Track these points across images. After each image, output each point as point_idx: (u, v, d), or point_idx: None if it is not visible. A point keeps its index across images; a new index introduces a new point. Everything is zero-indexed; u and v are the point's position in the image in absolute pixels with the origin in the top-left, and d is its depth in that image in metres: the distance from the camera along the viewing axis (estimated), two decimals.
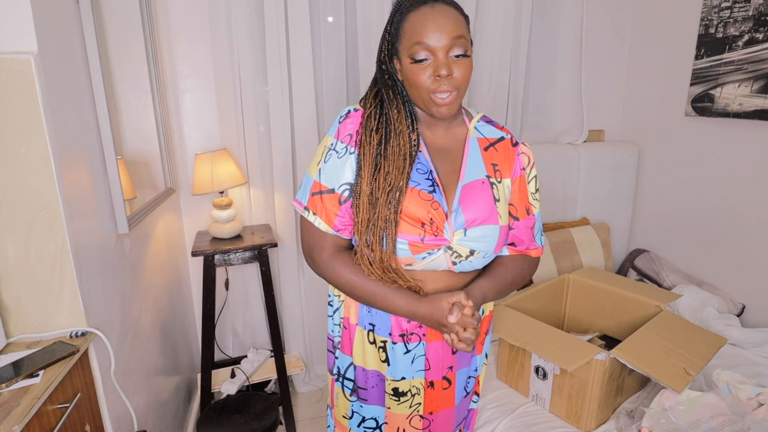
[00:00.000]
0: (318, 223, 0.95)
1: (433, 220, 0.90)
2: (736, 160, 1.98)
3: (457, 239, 0.92)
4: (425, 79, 0.87)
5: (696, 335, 1.43)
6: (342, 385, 1.09)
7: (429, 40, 0.85)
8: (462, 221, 0.92)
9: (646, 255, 2.34)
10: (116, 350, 1.14)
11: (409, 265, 0.94)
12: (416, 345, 1.01)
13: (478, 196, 0.94)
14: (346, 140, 0.93)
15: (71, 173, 1.02)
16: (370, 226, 0.89)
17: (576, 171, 2.36)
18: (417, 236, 0.90)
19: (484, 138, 1.00)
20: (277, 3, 1.83)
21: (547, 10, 2.24)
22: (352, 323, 1.04)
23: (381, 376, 1.05)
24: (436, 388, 1.05)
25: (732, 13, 1.90)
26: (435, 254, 0.92)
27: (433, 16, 0.86)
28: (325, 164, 0.94)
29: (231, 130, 1.98)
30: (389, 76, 0.94)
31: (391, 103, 0.92)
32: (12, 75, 0.89)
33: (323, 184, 0.94)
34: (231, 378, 2.00)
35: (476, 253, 0.94)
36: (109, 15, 1.33)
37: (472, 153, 0.98)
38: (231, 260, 1.85)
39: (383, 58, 0.94)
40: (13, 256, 0.96)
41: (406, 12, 0.89)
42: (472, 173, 0.96)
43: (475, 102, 2.22)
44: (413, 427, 1.07)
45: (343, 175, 0.93)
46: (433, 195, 0.91)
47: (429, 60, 0.87)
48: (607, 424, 1.37)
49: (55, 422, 0.87)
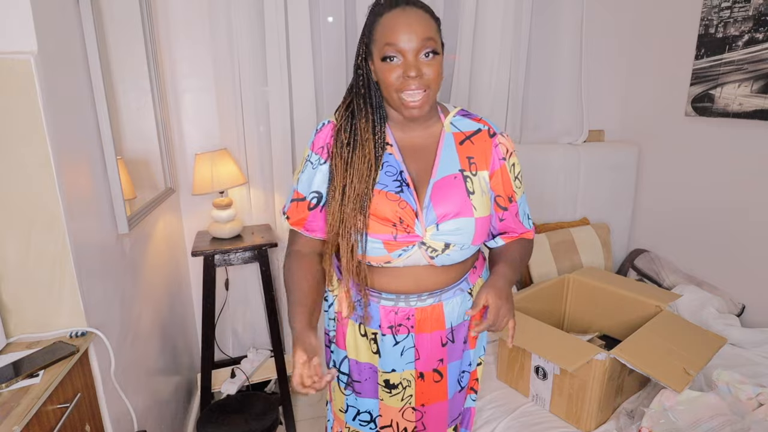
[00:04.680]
0: (290, 227, 1.04)
1: (402, 219, 0.94)
2: (736, 160, 1.98)
3: (429, 234, 0.94)
4: (394, 78, 0.90)
5: (696, 335, 1.43)
6: (338, 379, 1.12)
7: (399, 41, 0.88)
8: (433, 217, 0.95)
9: (646, 255, 2.34)
10: (116, 350, 1.14)
11: (388, 263, 0.97)
12: (405, 337, 1.03)
13: (450, 191, 0.97)
14: (319, 152, 0.99)
15: (71, 173, 1.02)
16: (340, 230, 0.95)
17: (576, 171, 2.36)
18: (390, 235, 0.94)
19: (460, 132, 1.02)
20: (277, 3, 1.83)
21: (547, 10, 2.24)
22: (344, 317, 1.07)
23: (373, 368, 1.08)
24: (426, 380, 1.07)
25: (732, 13, 1.90)
26: (410, 250, 0.95)
27: (404, 18, 0.88)
28: (302, 174, 1.02)
29: (231, 130, 1.98)
30: (363, 80, 0.97)
31: (360, 113, 0.97)
32: (12, 75, 0.89)
33: (299, 192, 1.02)
34: (231, 378, 2.00)
35: (452, 246, 0.96)
36: (109, 15, 1.33)
37: (446, 149, 1.00)
38: (231, 260, 1.85)
39: (359, 62, 0.97)
40: (13, 256, 0.96)
41: (378, 15, 0.92)
42: (444, 169, 0.98)
43: (475, 102, 2.22)
44: (406, 419, 1.10)
45: (314, 183, 1.00)
46: (401, 195, 0.95)
47: (398, 60, 0.89)
48: (607, 424, 1.37)
49: (55, 422, 0.87)
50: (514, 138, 2.34)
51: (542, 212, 2.37)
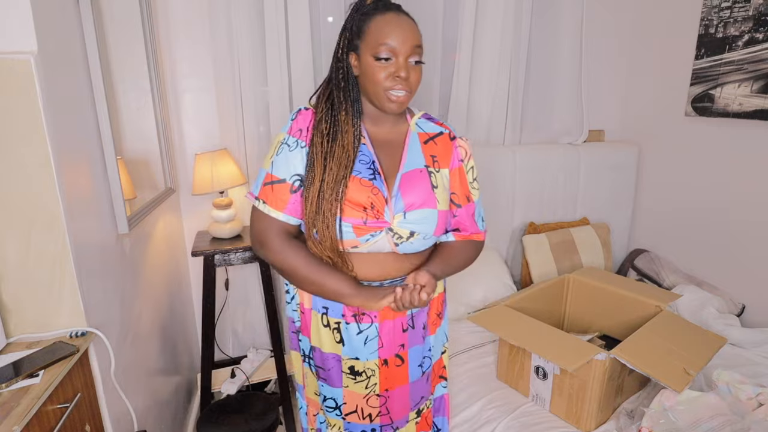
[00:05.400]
0: (268, 211, 1.02)
1: (373, 205, 0.99)
2: (736, 160, 1.98)
3: (397, 221, 1.01)
4: (384, 77, 0.97)
5: (696, 335, 1.43)
6: (309, 365, 1.16)
7: (394, 42, 0.96)
8: (402, 205, 1.02)
9: (646, 255, 2.34)
10: (116, 350, 1.14)
11: (355, 247, 1.02)
12: (368, 326, 1.07)
13: (417, 183, 1.04)
14: (296, 135, 1.02)
15: (71, 173, 1.02)
16: (319, 214, 0.98)
17: (576, 171, 2.36)
18: (360, 219, 0.99)
19: (425, 133, 1.11)
20: (277, 3, 1.83)
21: (547, 11, 2.24)
22: (306, 308, 1.10)
23: (337, 357, 1.10)
24: (390, 366, 1.11)
25: (732, 13, 1.90)
26: (377, 236, 1.00)
27: (400, 23, 0.97)
28: (277, 157, 1.03)
29: (231, 130, 1.98)
30: (343, 72, 1.02)
31: (340, 105, 1.02)
32: (12, 75, 0.89)
33: (274, 175, 1.02)
34: (231, 378, 2.00)
35: (416, 235, 1.03)
36: (109, 15, 1.33)
37: (412, 145, 1.08)
38: (231, 260, 1.85)
39: (340, 54, 1.02)
40: (13, 256, 0.96)
41: (371, 14, 0.99)
42: (411, 163, 1.06)
43: (475, 102, 2.23)
44: (370, 406, 1.13)
45: (294, 166, 1.01)
46: (374, 182, 1.01)
47: (391, 60, 0.97)
48: (607, 424, 1.37)
49: (55, 422, 0.87)
50: (514, 138, 2.34)
51: (542, 212, 2.37)
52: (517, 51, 2.20)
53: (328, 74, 1.06)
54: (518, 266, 2.35)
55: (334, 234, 0.98)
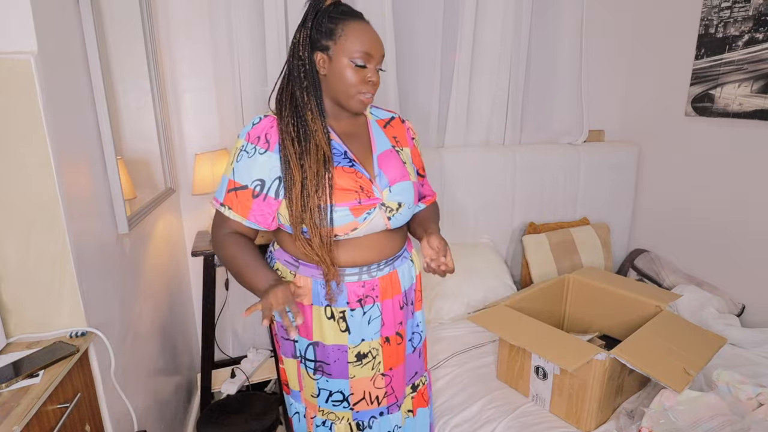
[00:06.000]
0: (234, 216, 1.08)
1: (363, 187, 1.07)
2: (736, 160, 1.98)
3: (386, 196, 1.10)
4: (357, 80, 1.04)
5: (696, 335, 1.43)
6: (305, 366, 1.18)
7: (372, 51, 1.04)
8: (386, 181, 1.11)
9: (646, 255, 2.34)
10: (116, 350, 1.14)
11: (354, 230, 1.07)
12: (371, 306, 1.14)
13: (392, 161, 1.15)
14: (254, 141, 1.06)
15: (71, 173, 1.02)
16: (306, 212, 1.02)
17: (576, 171, 2.36)
18: (355, 200, 1.06)
19: (381, 119, 1.23)
20: (277, 3, 1.83)
21: (547, 11, 2.24)
22: (306, 305, 1.13)
23: (342, 348, 1.15)
24: (391, 344, 1.19)
25: (732, 13, 1.90)
26: (373, 213, 1.08)
27: (373, 34, 1.06)
28: (237, 163, 1.07)
29: (231, 130, 1.97)
30: (305, 70, 1.05)
31: (305, 105, 1.05)
32: (12, 75, 0.89)
33: (236, 182, 1.07)
34: (231, 378, 2.00)
35: (403, 205, 1.13)
36: (109, 15, 1.33)
37: (376, 131, 1.19)
38: None
39: (302, 52, 1.05)
40: (13, 256, 0.96)
41: (342, 18, 1.04)
42: (380, 145, 1.17)
43: (475, 102, 2.22)
44: (377, 387, 1.20)
45: (254, 172, 1.06)
46: (354, 167, 1.09)
47: (365, 67, 1.05)
48: (607, 424, 1.37)
49: (55, 422, 0.87)
50: (514, 138, 2.34)
51: (542, 212, 2.37)
52: (517, 51, 2.20)
53: (284, 71, 1.10)
54: (518, 266, 2.35)
55: (326, 224, 1.03)
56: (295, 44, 1.06)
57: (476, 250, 2.17)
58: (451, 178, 2.16)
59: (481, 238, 2.29)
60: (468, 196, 2.21)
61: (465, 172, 2.18)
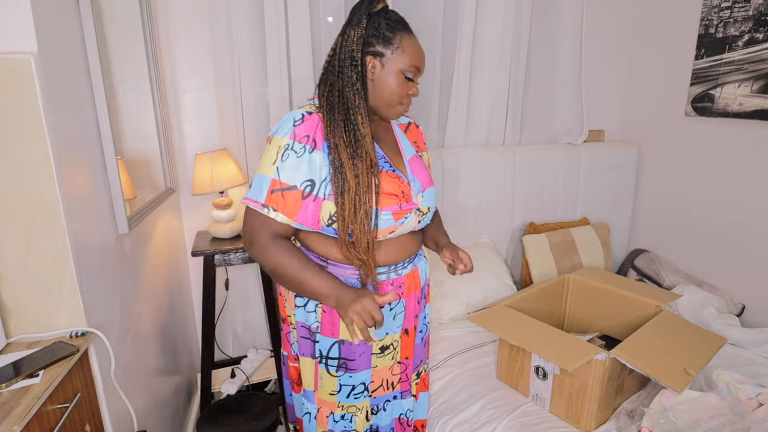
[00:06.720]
0: (281, 218, 1.03)
1: (404, 192, 1.11)
2: (736, 160, 1.98)
3: (420, 201, 1.15)
4: (403, 92, 1.08)
5: (696, 335, 1.43)
6: (326, 365, 1.18)
7: (421, 67, 1.09)
8: (419, 186, 1.17)
9: (646, 255, 2.34)
10: (116, 350, 1.14)
11: (393, 232, 1.11)
12: (397, 303, 1.19)
13: (420, 166, 1.20)
14: (303, 141, 1.03)
15: (71, 173, 1.02)
16: (357, 216, 1.02)
17: (576, 171, 2.36)
18: (396, 206, 1.09)
19: (401, 123, 1.27)
20: (277, 3, 1.83)
21: (547, 11, 2.24)
22: (332, 305, 1.11)
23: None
24: (409, 335, 1.25)
25: (732, 13, 1.90)
26: (409, 217, 1.12)
27: (422, 50, 1.09)
28: (283, 163, 1.02)
29: (231, 130, 1.98)
30: (358, 73, 1.04)
31: (356, 108, 1.04)
32: (12, 75, 0.89)
33: (283, 182, 1.02)
34: (231, 378, 2.00)
35: (430, 210, 1.20)
36: (109, 15, 1.33)
37: (400, 136, 1.23)
38: (231, 260, 1.84)
39: (356, 54, 1.03)
40: (13, 256, 0.96)
41: (398, 28, 1.05)
42: (407, 151, 1.21)
43: (475, 101, 2.22)
44: (393, 374, 1.25)
45: (303, 172, 1.02)
46: (396, 172, 1.12)
47: (412, 81, 1.09)
48: (607, 424, 1.37)
49: (55, 422, 0.87)
50: (514, 138, 2.34)
51: (542, 212, 2.37)
52: (517, 51, 2.20)
53: (333, 69, 1.07)
54: (518, 266, 2.35)
55: (370, 229, 1.05)
56: (347, 42, 1.04)
57: (476, 250, 2.17)
58: (451, 178, 2.16)
59: (481, 238, 2.29)
60: (468, 196, 2.21)
61: (465, 172, 2.18)
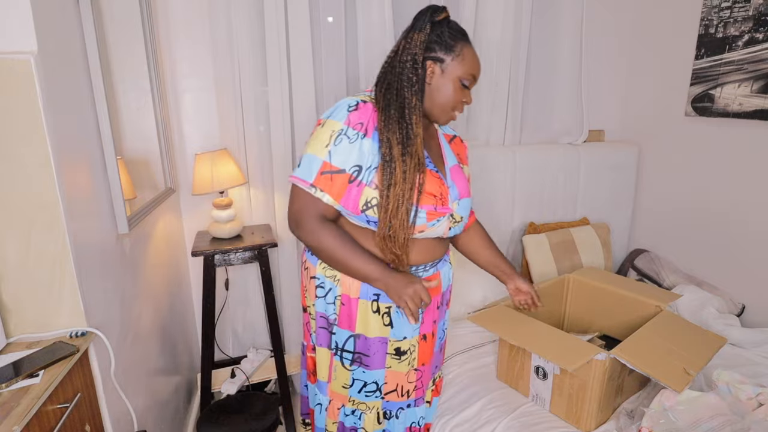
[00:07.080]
0: (327, 199, 1.06)
1: (442, 194, 1.13)
2: (736, 160, 1.98)
3: (455, 208, 1.16)
4: (458, 99, 1.11)
5: (696, 335, 1.43)
6: (341, 358, 1.21)
7: (477, 76, 1.12)
8: (456, 194, 1.18)
9: (646, 255, 2.34)
10: (116, 350, 1.14)
11: (422, 232, 1.12)
12: None
13: (460, 175, 1.22)
14: (357, 128, 1.06)
15: (71, 173, 1.02)
16: (400, 210, 1.04)
17: (576, 171, 2.36)
18: (432, 206, 1.11)
19: (447, 134, 1.30)
20: (277, 3, 1.83)
21: (547, 11, 2.24)
22: (353, 297, 1.15)
23: (383, 340, 1.19)
24: (427, 341, 1.25)
25: (732, 13, 1.90)
26: (441, 221, 1.13)
27: (479, 62, 1.12)
28: (336, 147, 1.05)
29: (231, 130, 1.98)
30: (418, 76, 1.06)
31: (413, 109, 1.06)
32: (12, 75, 0.89)
33: (333, 165, 1.05)
34: (231, 378, 2.00)
35: (462, 219, 1.20)
36: (109, 15, 1.33)
37: (444, 144, 1.25)
38: (231, 260, 1.85)
39: (418, 57, 1.06)
40: (13, 256, 0.96)
41: (462, 38, 1.09)
42: (449, 159, 1.22)
43: (475, 102, 2.22)
44: (409, 382, 1.25)
45: (353, 157, 1.05)
46: (438, 173, 1.14)
47: (467, 90, 1.12)
48: (607, 424, 1.37)
49: (55, 422, 0.87)
50: (514, 138, 2.34)
51: (542, 212, 2.37)
52: (517, 51, 2.20)
53: (393, 70, 1.08)
54: (518, 266, 2.35)
55: (408, 224, 1.06)
56: (410, 45, 1.06)
57: None
58: None
59: None
60: None
61: None
